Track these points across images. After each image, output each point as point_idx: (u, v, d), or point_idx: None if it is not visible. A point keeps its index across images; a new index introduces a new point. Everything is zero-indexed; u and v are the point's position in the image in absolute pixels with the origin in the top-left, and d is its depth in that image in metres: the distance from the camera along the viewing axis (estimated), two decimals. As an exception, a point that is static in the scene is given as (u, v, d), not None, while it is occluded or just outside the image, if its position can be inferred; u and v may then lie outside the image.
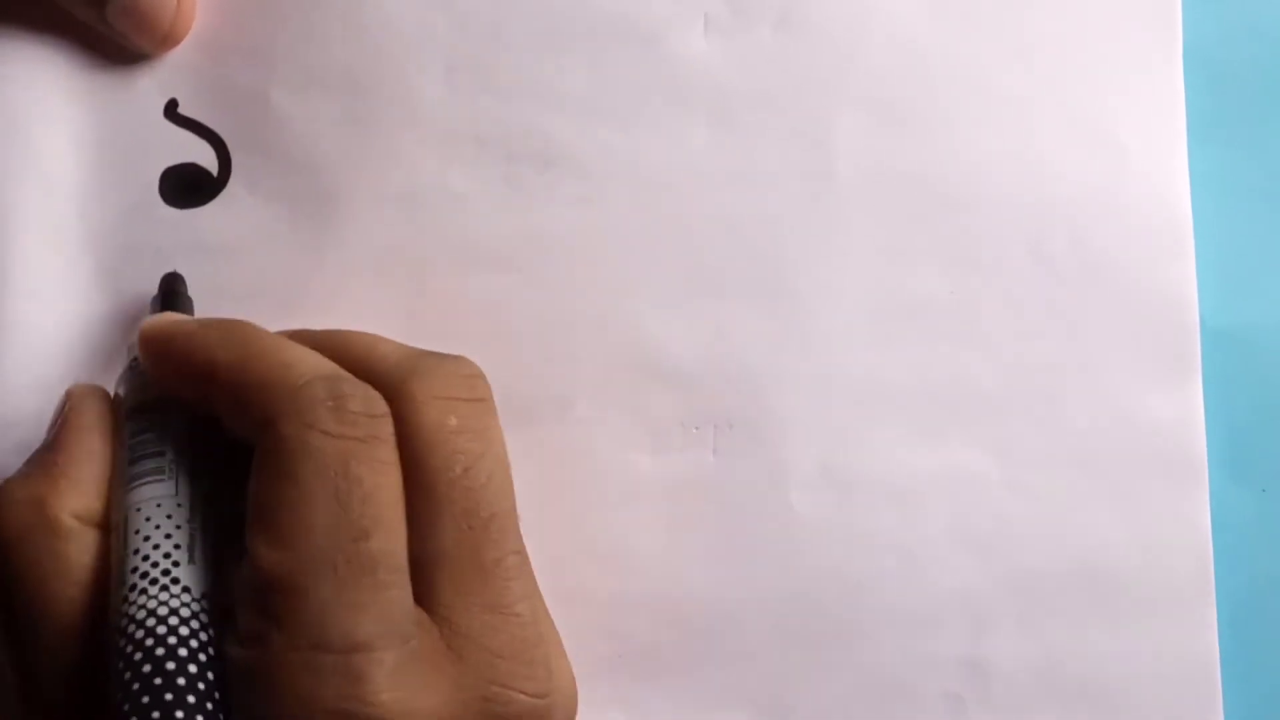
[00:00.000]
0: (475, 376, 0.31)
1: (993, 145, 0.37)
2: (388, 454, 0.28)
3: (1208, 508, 0.36)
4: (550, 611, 0.33)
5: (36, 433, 0.35)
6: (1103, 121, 0.37)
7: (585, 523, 0.36)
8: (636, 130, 0.36)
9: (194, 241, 0.36)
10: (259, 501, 0.28)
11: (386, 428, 0.29)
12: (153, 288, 0.36)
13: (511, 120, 0.36)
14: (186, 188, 0.36)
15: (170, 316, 0.32)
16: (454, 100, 0.36)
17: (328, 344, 0.31)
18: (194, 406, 0.31)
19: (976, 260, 0.36)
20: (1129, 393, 0.36)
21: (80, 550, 0.30)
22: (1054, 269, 0.36)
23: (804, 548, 0.36)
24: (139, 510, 0.30)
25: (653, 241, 0.36)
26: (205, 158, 0.37)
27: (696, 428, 0.36)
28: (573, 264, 0.36)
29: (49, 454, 0.31)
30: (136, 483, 0.30)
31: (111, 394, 0.33)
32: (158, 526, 0.29)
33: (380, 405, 0.29)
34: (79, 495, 0.30)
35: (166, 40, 0.36)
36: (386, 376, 0.30)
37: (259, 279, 0.36)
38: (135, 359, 0.32)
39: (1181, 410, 0.36)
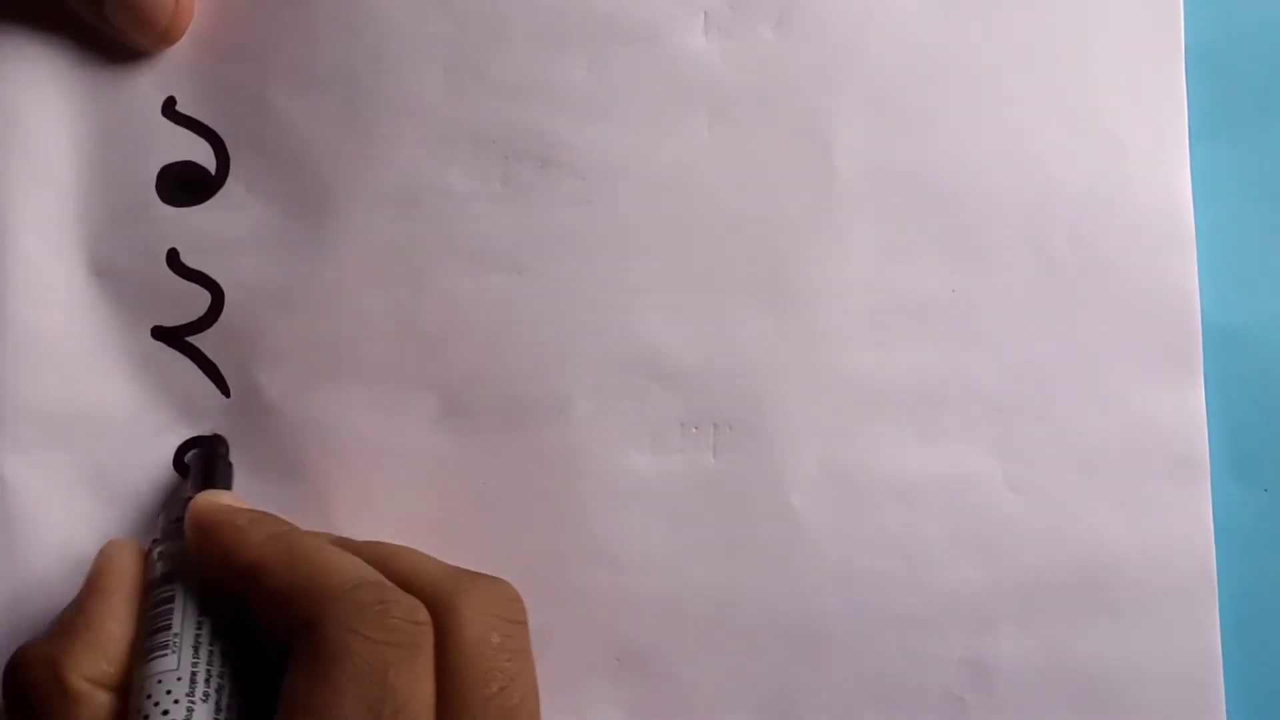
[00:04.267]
0: (517, 600, 0.31)
1: (994, 144, 0.36)
2: (425, 664, 0.29)
3: (1210, 507, 0.36)
4: (550, 611, 0.33)
5: (34, 431, 0.35)
6: (1104, 120, 0.37)
7: (585, 523, 0.36)
8: (636, 129, 0.36)
9: (192, 240, 0.36)
10: (292, 700, 0.28)
11: (427, 638, 0.29)
12: (150, 286, 0.36)
13: (510, 119, 0.36)
14: (184, 186, 0.36)
15: (220, 502, 0.32)
16: (452, 99, 0.36)
17: (374, 555, 0.31)
18: (228, 598, 0.31)
19: (978, 259, 0.36)
20: (1131, 392, 0.36)
21: (92, 713, 0.30)
22: (1055, 268, 0.36)
23: (804, 548, 0.36)
24: (145, 684, 0.30)
25: (652, 241, 0.36)
26: (203, 156, 0.36)
27: (696, 428, 0.36)
28: (572, 263, 0.36)
29: (71, 614, 0.31)
30: (148, 656, 0.30)
31: (148, 546, 0.33)
32: (157, 704, 0.29)
33: (423, 614, 0.29)
34: (94, 658, 0.30)
35: (165, 38, 0.36)
36: (432, 589, 0.30)
37: (257, 277, 0.36)
38: (174, 522, 0.33)
39: (1183, 409, 0.36)
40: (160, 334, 0.36)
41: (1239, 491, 0.36)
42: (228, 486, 0.34)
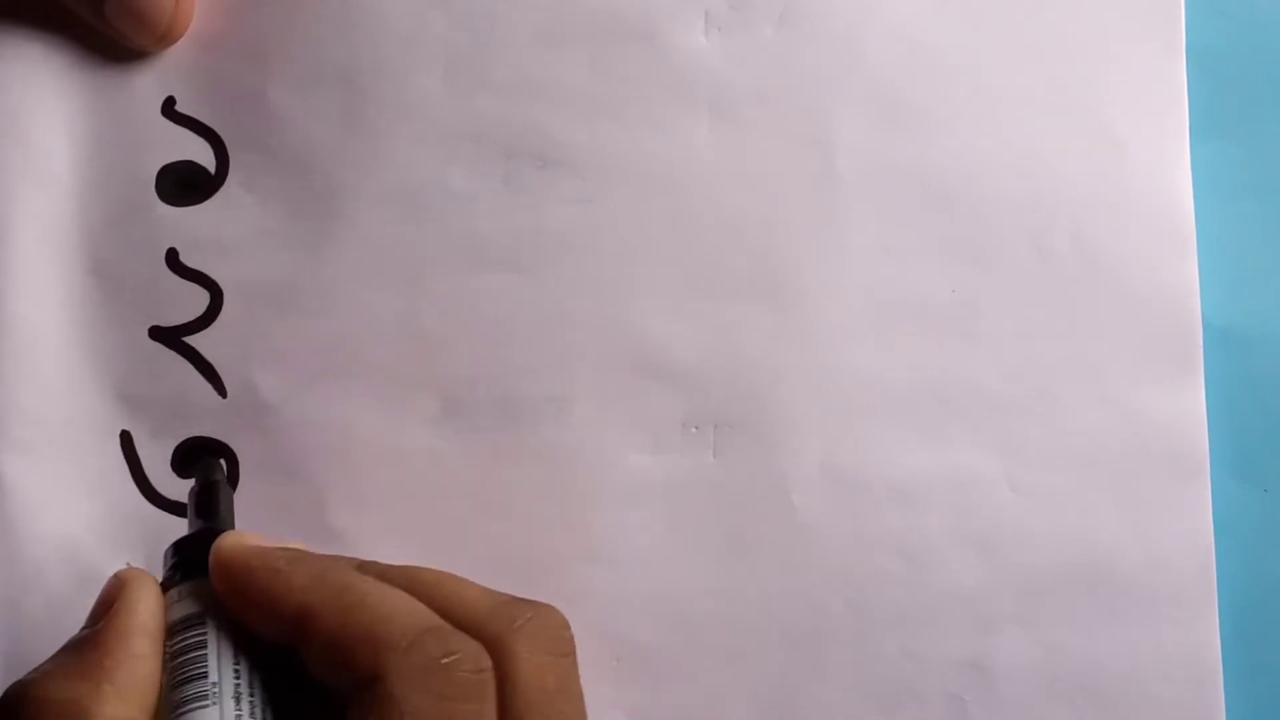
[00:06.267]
0: (565, 628, 0.30)
1: (995, 143, 0.36)
2: (491, 715, 0.28)
3: (1210, 507, 0.36)
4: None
5: (33, 431, 0.35)
6: (1105, 119, 0.36)
7: (585, 523, 0.36)
8: (636, 128, 0.36)
9: (191, 239, 0.36)
10: None
11: (491, 687, 0.28)
12: (149, 286, 0.36)
13: (510, 118, 0.36)
14: (184, 185, 0.36)
15: (248, 543, 0.30)
16: (452, 98, 0.36)
17: (414, 586, 0.30)
18: (269, 642, 0.29)
19: (978, 259, 0.36)
20: (1131, 391, 0.36)
21: None
22: (1056, 267, 0.36)
23: (805, 548, 0.36)
24: None
25: (653, 240, 0.36)
26: (203, 155, 0.36)
27: (696, 428, 0.36)
28: (572, 263, 0.36)
29: (93, 652, 0.28)
30: (184, 707, 0.28)
31: (160, 579, 0.31)
32: None
33: (485, 660, 0.28)
34: (121, 703, 0.28)
35: (165, 38, 0.36)
36: (484, 627, 0.29)
37: (256, 277, 0.36)
38: (187, 561, 0.31)
39: (1184, 409, 0.36)
40: (158, 334, 0.36)
41: (1239, 491, 0.36)
42: (231, 513, 0.33)
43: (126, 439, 0.36)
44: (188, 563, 0.31)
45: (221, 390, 0.36)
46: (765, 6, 0.36)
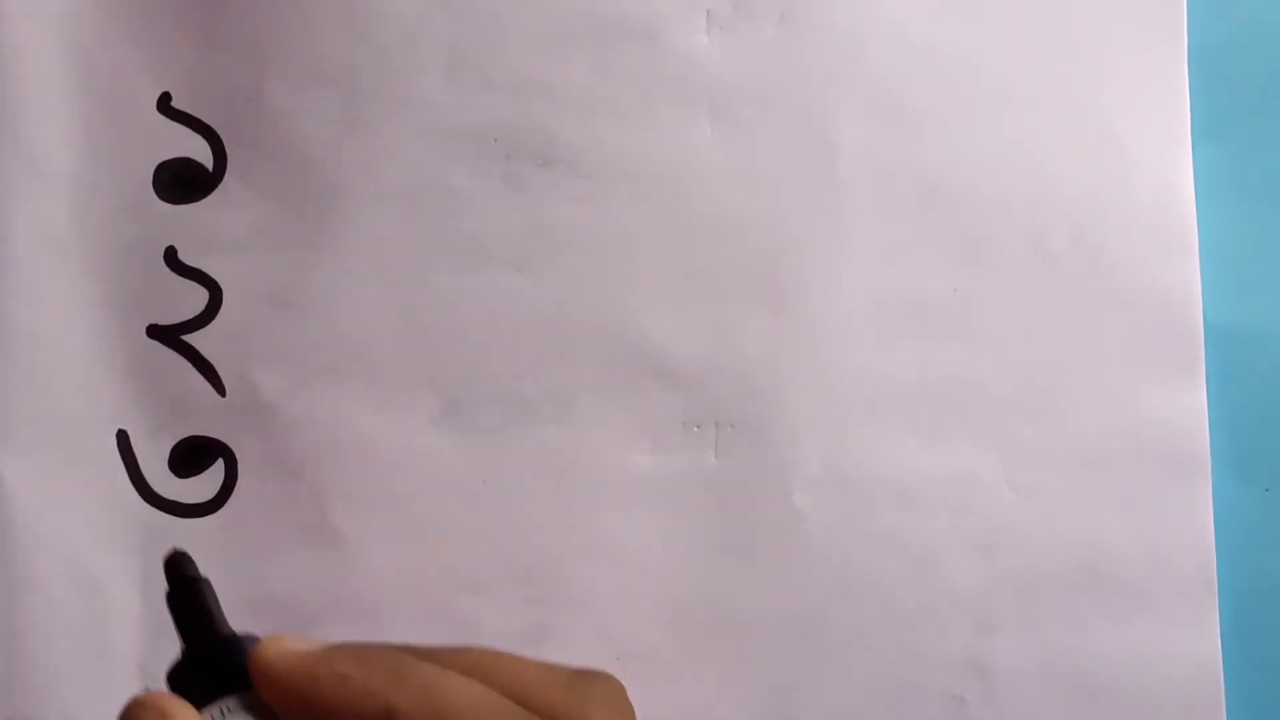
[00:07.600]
0: (625, 693, 0.30)
1: (997, 143, 0.36)
2: None
3: (1211, 507, 0.36)
4: (550, 611, 0.32)
5: (31, 431, 0.35)
6: (1107, 120, 0.37)
7: (585, 523, 0.36)
8: (638, 128, 0.36)
9: (189, 237, 0.36)
10: None
11: None
12: (150, 285, 0.36)
13: (512, 117, 0.36)
14: (181, 182, 0.36)
15: (293, 648, 0.28)
16: (454, 96, 0.36)
17: (477, 670, 0.29)
18: None
19: (980, 259, 0.36)
20: (1133, 392, 0.36)
21: None
22: (1058, 268, 0.36)
23: (806, 548, 0.36)
24: None
25: (654, 239, 0.36)
26: (200, 152, 0.36)
27: (698, 427, 0.36)
28: (573, 262, 0.36)
29: None
30: None
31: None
32: None
33: None
34: None
35: None
36: (562, 708, 0.28)
37: (256, 275, 0.36)
38: (204, 679, 0.28)
39: (1185, 409, 0.36)
40: (155, 333, 0.36)
41: (1240, 491, 0.36)
42: (220, 609, 0.29)
43: (123, 438, 0.36)
44: (213, 676, 0.28)
45: (220, 389, 0.36)
46: (767, 6, 0.36)
